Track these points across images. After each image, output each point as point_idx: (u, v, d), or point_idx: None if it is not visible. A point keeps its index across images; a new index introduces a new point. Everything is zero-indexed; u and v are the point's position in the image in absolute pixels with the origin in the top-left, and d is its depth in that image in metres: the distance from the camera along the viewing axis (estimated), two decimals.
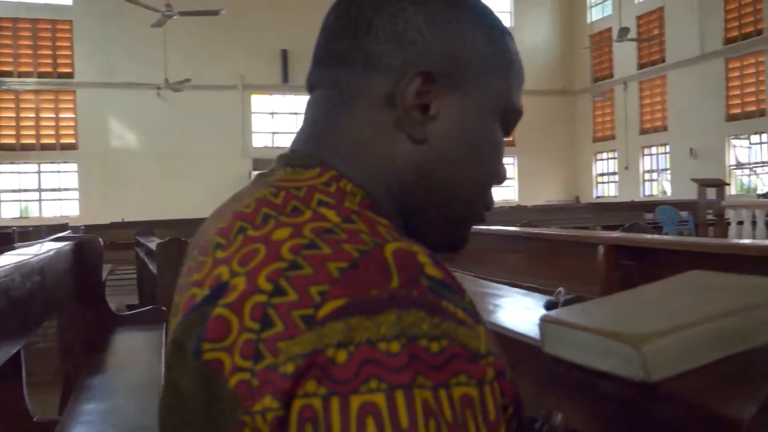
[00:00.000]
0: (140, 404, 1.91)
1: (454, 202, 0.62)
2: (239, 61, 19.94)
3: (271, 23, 19.82)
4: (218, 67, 19.65)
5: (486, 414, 0.43)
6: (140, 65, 18.70)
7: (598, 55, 22.27)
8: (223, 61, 19.68)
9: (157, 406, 0.55)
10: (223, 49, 19.56)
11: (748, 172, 17.94)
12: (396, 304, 0.44)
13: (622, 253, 2.21)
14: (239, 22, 18.91)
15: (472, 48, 0.61)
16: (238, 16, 18.16)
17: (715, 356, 0.58)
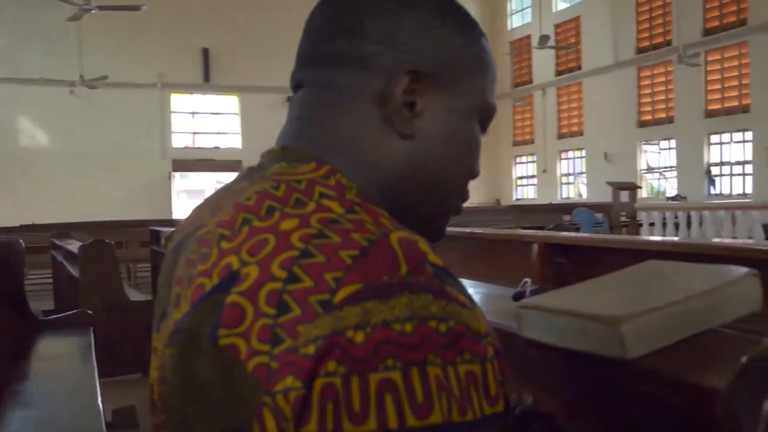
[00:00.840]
0: (76, 410, 1.84)
1: (438, 194, 0.66)
2: (159, 58, 19.47)
3: (193, 21, 19.46)
4: (137, 64, 19.13)
5: (487, 389, 0.46)
6: (53, 61, 17.99)
7: (518, 61, 22.90)
8: (142, 59, 19.17)
9: (93, 411, 0.55)
10: (143, 46, 19.06)
11: (657, 176, 18.82)
12: (407, 288, 0.46)
13: (554, 250, 2.30)
14: (160, 18, 18.47)
15: (455, 49, 0.64)
16: (159, 12, 17.72)
17: (684, 334, 0.63)
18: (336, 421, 0.43)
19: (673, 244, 2.28)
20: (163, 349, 0.58)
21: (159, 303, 0.67)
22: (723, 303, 0.66)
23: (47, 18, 16.81)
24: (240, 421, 0.47)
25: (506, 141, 23.36)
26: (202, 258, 0.55)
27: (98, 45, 17.95)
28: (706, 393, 0.52)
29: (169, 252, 0.69)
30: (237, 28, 19.72)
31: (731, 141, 16.53)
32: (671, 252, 1.76)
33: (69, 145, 18.61)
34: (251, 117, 20.44)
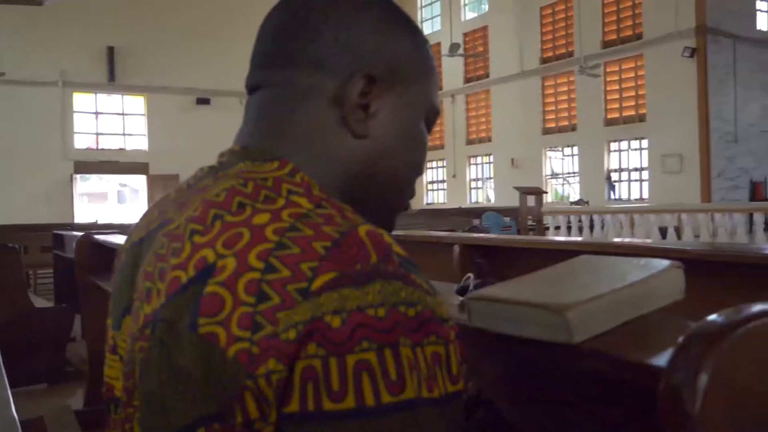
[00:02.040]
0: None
1: (390, 191, 0.70)
2: (61, 56, 18.64)
3: (97, 17, 18.73)
4: (37, 61, 18.23)
5: (450, 368, 0.50)
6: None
7: None
8: (42, 56, 18.29)
9: (7, 423, 0.54)
10: (43, 43, 18.18)
11: (562, 182, 19.58)
12: (379, 276, 0.49)
13: (474, 251, 2.37)
14: (62, 14, 17.67)
15: (405, 54, 0.68)
16: (61, 7, 16.95)
17: (621, 320, 0.69)
18: (316, 399, 0.46)
19: (579, 244, 2.40)
20: (132, 343, 0.58)
21: (118, 301, 0.67)
22: (653, 292, 0.73)
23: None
24: (221, 405, 0.48)
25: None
26: (174, 252, 0.56)
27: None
28: (648, 369, 0.57)
29: (128, 250, 0.69)
30: (145, 26, 19.15)
31: (629, 148, 17.41)
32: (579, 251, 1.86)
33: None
34: (159, 118, 19.88)
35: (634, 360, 0.60)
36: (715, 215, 10.49)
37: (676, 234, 10.44)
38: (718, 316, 0.55)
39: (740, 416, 0.52)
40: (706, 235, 10.03)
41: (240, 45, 21.15)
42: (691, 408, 0.50)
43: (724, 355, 0.52)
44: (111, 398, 0.68)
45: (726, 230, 10.13)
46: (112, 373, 0.68)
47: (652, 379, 0.56)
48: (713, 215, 10.55)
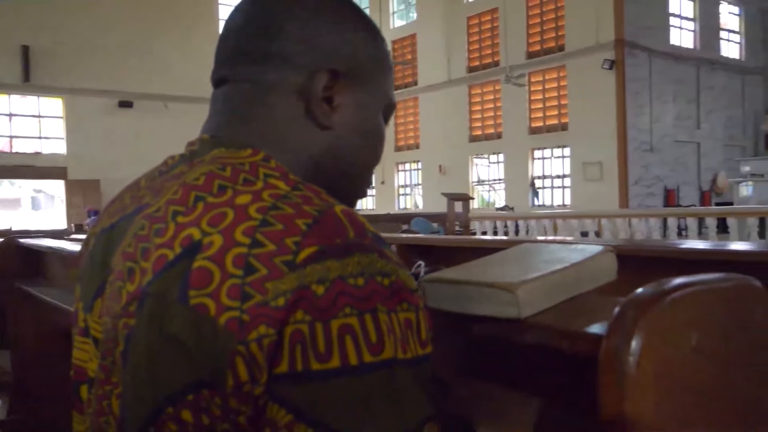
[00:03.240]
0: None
1: (352, 178, 0.75)
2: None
3: (11, 16, 17.96)
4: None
5: (419, 333, 0.55)
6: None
7: None
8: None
9: None
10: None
11: (488, 188, 20.01)
12: (357, 249, 0.54)
13: (411, 250, 2.44)
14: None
15: (366, 51, 0.74)
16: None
17: (562, 298, 0.76)
18: (305, 360, 0.50)
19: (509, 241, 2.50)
20: (113, 321, 0.61)
21: (89, 284, 0.70)
22: (589, 273, 0.80)
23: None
24: (214, 372, 0.52)
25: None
26: (157, 232, 0.59)
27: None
28: (588, 337, 0.64)
29: (98, 235, 0.71)
30: (63, 26, 18.48)
31: (552, 156, 17.96)
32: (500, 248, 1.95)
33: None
34: (78, 121, 19.19)
35: (575, 330, 0.66)
36: (633, 220, 10.95)
37: (597, 238, 10.84)
38: (647, 288, 0.62)
39: (668, 373, 0.59)
40: (624, 238, 10.45)
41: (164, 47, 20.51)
42: (628, 368, 0.57)
43: (654, 320, 0.59)
44: (82, 380, 0.70)
45: (642, 234, 10.59)
46: (83, 355, 0.70)
47: (592, 345, 0.62)
48: (630, 220, 11.00)
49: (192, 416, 0.53)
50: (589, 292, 0.80)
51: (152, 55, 19.58)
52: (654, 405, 0.58)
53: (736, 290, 0.68)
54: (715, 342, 0.64)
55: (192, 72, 20.07)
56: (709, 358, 0.63)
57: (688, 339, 0.62)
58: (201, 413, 0.53)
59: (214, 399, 0.52)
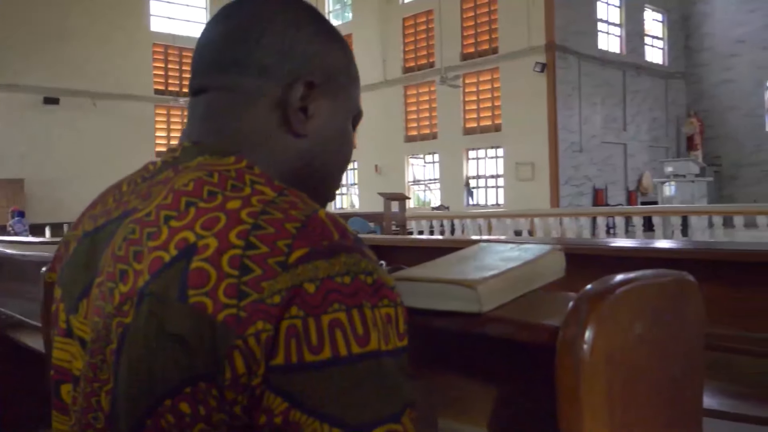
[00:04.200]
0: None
1: (325, 182, 0.80)
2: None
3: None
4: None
5: (398, 327, 0.61)
6: None
7: None
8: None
9: None
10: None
11: (423, 188, 20.24)
12: (343, 250, 0.59)
13: None
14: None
15: (338, 63, 0.79)
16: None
17: (518, 293, 0.82)
18: (299, 352, 0.55)
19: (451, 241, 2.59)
20: (106, 320, 0.64)
21: (72, 286, 0.72)
22: (541, 270, 0.87)
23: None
24: (212, 365, 0.56)
25: None
26: (150, 236, 0.63)
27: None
28: (545, 328, 0.70)
29: (80, 239, 0.74)
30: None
31: (486, 156, 18.31)
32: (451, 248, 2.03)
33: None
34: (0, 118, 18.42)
35: (532, 322, 0.73)
36: (564, 219, 11.30)
37: (530, 236, 11.14)
38: (597, 284, 0.69)
39: (617, 358, 0.67)
40: (556, 236, 10.78)
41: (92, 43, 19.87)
42: (583, 354, 0.64)
43: (604, 312, 0.66)
44: (64, 379, 0.73)
45: (573, 233, 10.94)
46: (65, 356, 0.72)
47: (549, 336, 0.69)
48: (561, 219, 11.36)
49: (189, 407, 0.57)
50: (541, 287, 0.87)
51: (79, 51, 18.97)
52: (605, 387, 0.65)
53: (673, 285, 0.76)
54: (656, 331, 0.72)
55: (121, 69, 19.58)
56: (651, 344, 0.71)
57: (633, 328, 0.69)
58: (198, 404, 0.57)
59: (211, 391, 0.56)
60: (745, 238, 8.87)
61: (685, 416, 0.78)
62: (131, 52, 20.05)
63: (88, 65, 19.01)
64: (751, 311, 1.58)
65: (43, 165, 18.20)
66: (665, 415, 0.74)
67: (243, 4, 0.77)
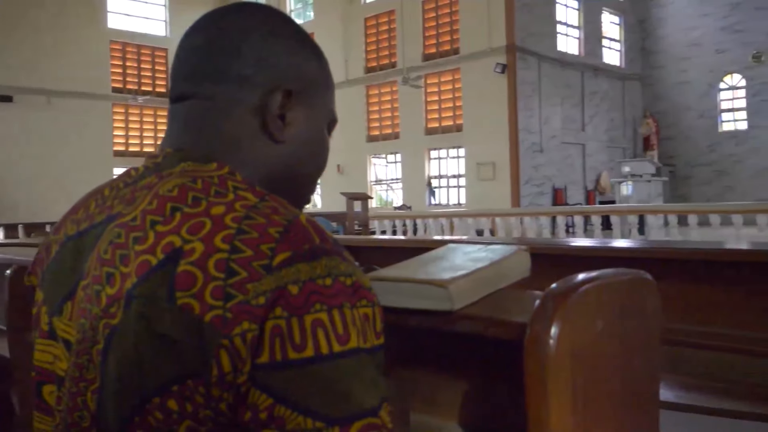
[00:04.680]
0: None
1: (302, 186, 0.83)
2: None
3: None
4: None
5: (375, 326, 0.64)
6: None
7: None
8: None
9: None
10: None
11: (386, 188, 20.31)
12: (324, 253, 0.62)
13: None
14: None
15: (314, 72, 0.82)
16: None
17: (486, 292, 0.86)
18: (283, 351, 0.58)
19: (414, 241, 2.63)
20: (93, 321, 0.65)
21: (55, 289, 0.74)
22: (508, 270, 0.91)
23: None
24: (200, 363, 0.58)
25: None
26: (137, 240, 0.65)
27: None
28: (514, 326, 0.74)
29: (63, 242, 0.75)
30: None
31: (447, 156, 18.46)
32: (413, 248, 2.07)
33: None
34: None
35: (501, 319, 0.77)
36: (524, 218, 11.47)
37: (491, 236, 11.28)
38: (562, 283, 0.74)
39: (580, 353, 0.71)
40: (517, 236, 10.93)
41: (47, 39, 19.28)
42: (549, 349, 0.68)
43: (568, 310, 0.70)
44: (46, 380, 0.74)
45: (533, 232, 11.11)
46: (47, 357, 0.74)
47: (516, 332, 0.73)
48: (522, 219, 11.52)
49: (177, 405, 0.59)
50: (508, 286, 0.92)
51: (34, 47, 18.55)
52: (570, 380, 0.70)
53: (632, 283, 0.81)
54: (616, 326, 0.77)
55: (77, 67, 19.20)
56: (612, 339, 0.76)
57: (595, 324, 0.74)
58: (185, 401, 0.59)
59: (198, 388, 0.59)
60: (699, 236, 9.12)
61: (643, 407, 0.83)
62: (88, 50, 19.67)
63: (42, 62, 18.59)
64: (701, 306, 1.65)
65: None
66: (625, 406, 0.78)
67: (222, 14, 0.80)
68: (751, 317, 1.54)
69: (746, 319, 1.56)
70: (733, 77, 19.13)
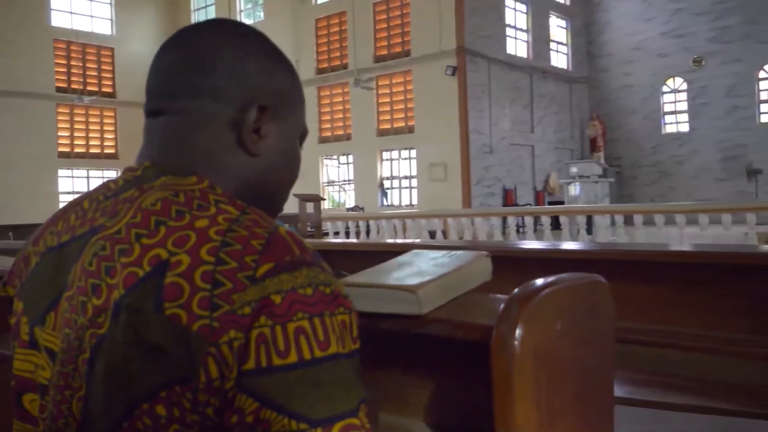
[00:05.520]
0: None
1: (276, 197, 0.86)
2: None
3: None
4: None
5: (352, 332, 0.68)
6: None
7: None
8: None
9: None
10: None
11: (338, 189, 20.30)
12: (304, 264, 0.66)
13: None
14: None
15: (287, 87, 0.85)
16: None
17: (452, 296, 0.91)
18: (268, 357, 0.61)
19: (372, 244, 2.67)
20: (79, 332, 0.67)
21: (37, 299, 0.75)
22: (472, 274, 0.96)
23: None
24: (188, 370, 0.61)
25: None
26: (122, 253, 0.67)
27: None
28: (480, 328, 0.79)
29: (43, 254, 0.77)
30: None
31: (399, 158, 18.56)
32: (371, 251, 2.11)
33: None
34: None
35: (467, 322, 0.81)
36: (476, 219, 11.62)
37: (444, 236, 11.41)
38: (523, 288, 0.79)
39: (542, 352, 0.76)
40: (469, 236, 11.08)
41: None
42: (515, 349, 0.73)
43: (531, 312, 0.75)
44: (26, 389, 0.75)
45: (485, 232, 11.27)
46: (28, 366, 0.75)
47: (482, 334, 0.78)
48: (473, 219, 11.67)
49: (165, 410, 0.62)
50: (471, 290, 0.96)
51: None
52: (533, 378, 0.74)
53: (588, 286, 0.86)
54: (574, 327, 0.82)
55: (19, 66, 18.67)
56: (570, 339, 0.81)
57: (555, 325, 0.79)
58: (173, 407, 0.62)
59: (186, 394, 0.62)
60: (645, 236, 9.40)
61: (599, 403, 0.88)
62: (30, 48, 19.15)
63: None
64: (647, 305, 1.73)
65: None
66: (583, 402, 0.84)
67: (197, 31, 0.82)
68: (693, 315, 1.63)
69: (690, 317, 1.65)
70: (675, 81, 19.75)
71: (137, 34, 21.81)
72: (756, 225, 8.67)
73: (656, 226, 9.46)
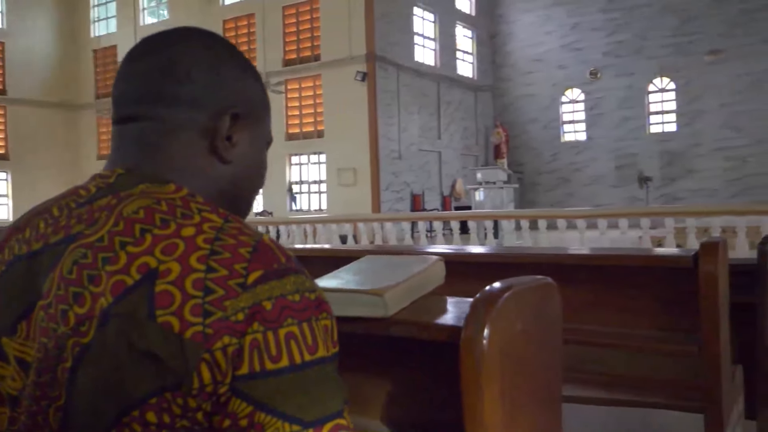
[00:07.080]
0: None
1: (244, 202, 0.88)
2: None
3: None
4: None
5: (332, 336, 0.70)
6: None
7: (103, 72, 21.97)
8: None
9: None
10: None
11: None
12: (290, 271, 0.68)
13: None
14: None
15: (257, 96, 0.87)
16: None
17: (413, 298, 0.94)
18: (261, 362, 0.63)
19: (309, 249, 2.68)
20: (59, 341, 0.66)
21: (5, 308, 0.73)
22: (430, 278, 1.00)
23: None
24: (182, 377, 0.62)
25: (92, 155, 22.21)
26: (107, 261, 0.66)
27: None
28: (445, 329, 0.83)
29: (12, 261, 0.75)
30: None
31: (309, 162, 18.47)
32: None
33: None
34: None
35: (433, 323, 0.85)
36: (386, 224, 11.74)
37: (355, 241, 11.46)
38: (488, 290, 0.83)
39: (507, 351, 0.81)
40: (379, 241, 11.19)
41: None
42: (481, 349, 0.77)
43: (496, 313, 0.80)
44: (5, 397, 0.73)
45: (395, 236, 11.40)
46: (7, 372, 0.73)
47: (447, 335, 0.82)
48: (383, 224, 11.79)
49: (155, 416, 0.62)
50: (428, 293, 1.00)
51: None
52: (500, 375, 0.79)
53: (542, 288, 0.92)
54: (532, 327, 0.87)
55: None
56: (529, 338, 0.86)
57: (516, 325, 0.84)
58: (163, 413, 0.62)
59: (176, 399, 0.62)
60: (548, 239, 9.79)
61: (551, 400, 0.94)
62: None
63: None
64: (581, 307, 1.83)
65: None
66: (539, 400, 0.89)
67: (168, 38, 0.82)
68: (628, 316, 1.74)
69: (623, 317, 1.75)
70: (573, 91, 20.68)
71: (32, 28, 20.77)
72: (649, 229, 9.19)
73: (559, 230, 9.87)
